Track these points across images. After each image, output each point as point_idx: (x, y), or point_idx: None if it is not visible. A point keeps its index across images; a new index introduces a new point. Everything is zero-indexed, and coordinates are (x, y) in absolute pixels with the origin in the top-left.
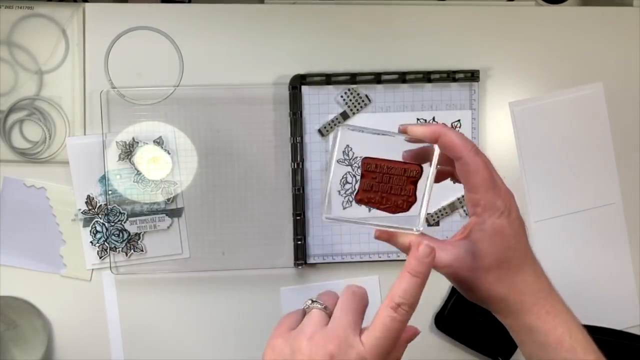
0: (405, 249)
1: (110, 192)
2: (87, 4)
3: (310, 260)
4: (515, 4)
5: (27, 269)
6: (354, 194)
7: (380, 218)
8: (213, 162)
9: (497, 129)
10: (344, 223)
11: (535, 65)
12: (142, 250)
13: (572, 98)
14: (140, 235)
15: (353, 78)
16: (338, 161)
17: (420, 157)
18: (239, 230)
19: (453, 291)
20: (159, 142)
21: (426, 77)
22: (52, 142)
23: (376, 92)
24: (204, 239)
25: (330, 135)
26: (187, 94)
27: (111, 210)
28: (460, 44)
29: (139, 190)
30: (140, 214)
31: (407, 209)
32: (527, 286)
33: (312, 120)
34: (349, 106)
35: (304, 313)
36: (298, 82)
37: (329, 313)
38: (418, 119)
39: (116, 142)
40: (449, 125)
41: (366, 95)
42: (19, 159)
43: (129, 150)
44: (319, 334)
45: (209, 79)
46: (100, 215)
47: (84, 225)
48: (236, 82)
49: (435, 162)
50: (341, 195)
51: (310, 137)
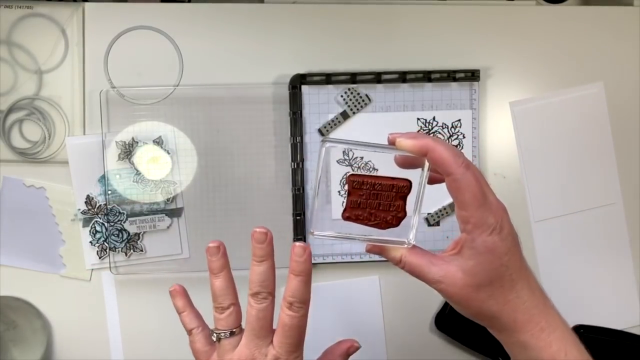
0: (397, 263)
1: (109, 192)
2: (87, 4)
3: None
4: (516, 4)
5: (27, 269)
6: (342, 211)
7: (369, 230)
8: (213, 162)
9: (498, 129)
10: (332, 239)
11: (535, 65)
12: (142, 250)
13: (573, 98)
14: (140, 235)
15: (353, 78)
16: (338, 161)
17: (412, 164)
18: (239, 230)
19: None
20: (158, 142)
21: (426, 77)
22: (52, 142)
23: (376, 92)
24: (204, 239)
25: (330, 134)
26: (187, 94)
27: (111, 210)
28: (460, 44)
29: (139, 190)
30: (140, 214)
31: (397, 224)
32: (521, 303)
33: (312, 120)
34: (349, 106)
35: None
36: (298, 82)
37: (236, 332)
38: (418, 119)
39: (116, 142)
40: (449, 125)
41: (366, 95)
42: (18, 158)
43: (128, 150)
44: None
45: (208, 79)
46: (99, 215)
47: (84, 225)
48: (236, 82)
49: (425, 177)
50: (341, 195)
51: (310, 137)
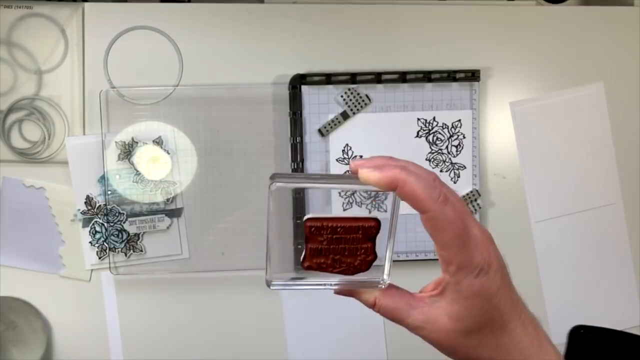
0: (371, 306)
1: (109, 192)
2: (87, 4)
3: None
4: (516, 4)
5: (27, 270)
6: (301, 260)
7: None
8: (213, 162)
9: (498, 129)
10: (292, 289)
11: (535, 65)
12: (142, 251)
13: (573, 98)
14: (140, 236)
15: (353, 78)
16: (338, 160)
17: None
18: (239, 230)
19: None
20: (158, 142)
21: (426, 77)
22: (52, 142)
23: (376, 92)
24: (204, 239)
25: (331, 136)
26: (187, 94)
27: (110, 210)
28: (460, 44)
29: (139, 191)
30: (140, 214)
31: (367, 268)
32: (514, 345)
33: (312, 120)
34: (349, 106)
35: None
36: (298, 82)
37: None
38: (418, 119)
39: (115, 142)
40: (449, 125)
41: (366, 95)
42: (18, 159)
43: (128, 150)
44: None
45: (208, 79)
46: (99, 216)
47: (84, 226)
48: (236, 82)
49: (396, 216)
50: (341, 196)
51: (310, 137)
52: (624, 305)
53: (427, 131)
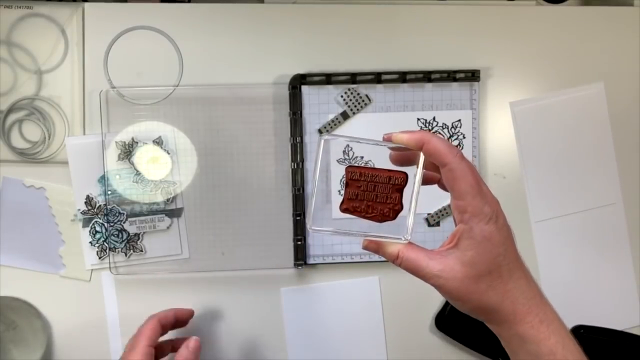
0: (394, 259)
1: (109, 192)
2: (87, 4)
3: (310, 261)
4: (516, 4)
5: (27, 269)
6: (340, 203)
7: (367, 227)
8: (213, 162)
9: (498, 129)
10: (330, 234)
11: (535, 65)
12: (142, 251)
13: (573, 98)
14: (140, 236)
15: (353, 78)
16: (338, 161)
17: (407, 161)
18: (239, 230)
19: None
20: (158, 142)
21: (426, 77)
22: (52, 142)
23: (376, 92)
24: (204, 239)
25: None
26: (187, 94)
27: (110, 210)
28: (460, 44)
29: (139, 191)
30: (140, 214)
31: (394, 217)
32: (520, 293)
33: (312, 120)
34: (349, 106)
35: None
36: (298, 82)
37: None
38: (418, 119)
39: (115, 142)
40: (450, 125)
41: (366, 95)
42: (18, 159)
43: (128, 150)
44: None
45: (208, 79)
46: (99, 216)
47: (84, 226)
48: (236, 82)
49: (421, 170)
50: (341, 195)
51: (310, 137)
52: (624, 305)
53: (427, 131)
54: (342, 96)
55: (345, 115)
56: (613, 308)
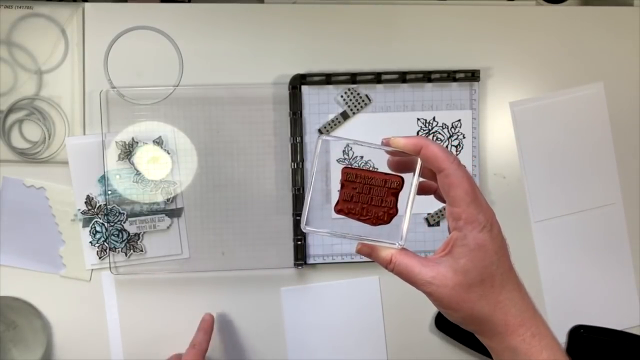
0: (386, 263)
1: (109, 192)
2: (87, 4)
3: (310, 261)
4: (516, 4)
5: (27, 269)
6: (334, 204)
7: (363, 230)
8: (213, 162)
9: (498, 129)
10: (323, 236)
11: (535, 65)
12: (142, 251)
13: (573, 98)
14: (140, 236)
15: (353, 78)
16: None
17: (404, 167)
18: (239, 230)
19: None
20: (158, 142)
21: (426, 77)
22: (52, 142)
23: (376, 92)
24: (204, 239)
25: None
26: (187, 94)
27: (111, 210)
28: (460, 44)
29: (139, 190)
30: (140, 214)
31: (388, 221)
32: (512, 305)
33: (312, 120)
34: (349, 106)
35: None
36: (298, 82)
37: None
38: (418, 119)
39: (116, 142)
40: (450, 125)
41: (366, 95)
42: (18, 159)
43: (128, 150)
44: None
45: (208, 79)
46: (99, 216)
47: (84, 226)
48: (236, 82)
49: (418, 174)
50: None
51: (310, 137)
52: (624, 305)
53: (427, 131)
54: (342, 96)
55: (345, 115)
56: (613, 308)
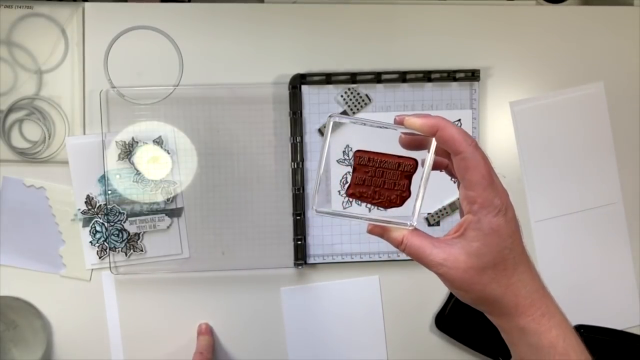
0: (398, 244)
1: (109, 192)
2: (87, 4)
3: (310, 260)
4: (516, 4)
5: (27, 269)
6: (346, 188)
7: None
8: (213, 162)
9: (498, 129)
10: (335, 216)
11: (535, 65)
12: (142, 250)
13: (573, 97)
14: (140, 235)
15: (353, 77)
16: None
17: (417, 145)
18: (239, 230)
19: None
20: (158, 142)
21: (426, 77)
22: (52, 142)
23: (376, 92)
24: (204, 239)
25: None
26: (187, 94)
27: (111, 210)
28: (460, 44)
29: (139, 190)
30: (140, 213)
31: (401, 204)
32: (523, 287)
33: (312, 120)
34: (349, 106)
35: None
36: (298, 82)
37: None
38: None
39: (116, 142)
40: None
41: (366, 95)
42: (18, 158)
43: (128, 150)
44: None
45: (208, 79)
46: (99, 215)
47: (84, 225)
48: (236, 82)
49: (432, 156)
50: (341, 195)
51: (310, 137)
52: (624, 305)
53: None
54: (342, 96)
55: (346, 115)
56: (613, 308)
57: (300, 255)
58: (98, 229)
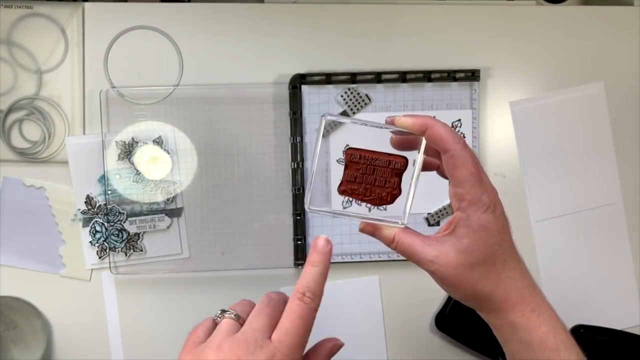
0: (389, 242)
1: (109, 192)
2: (87, 3)
3: None
4: (516, 4)
5: (27, 269)
6: (338, 185)
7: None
8: (213, 162)
9: (498, 129)
10: (326, 214)
11: (535, 65)
12: (142, 250)
13: (573, 97)
14: (140, 235)
15: (353, 77)
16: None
17: (408, 145)
18: (239, 230)
19: None
20: (158, 142)
21: (426, 77)
22: (52, 142)
23: (376, 92)
24: (204, 239)
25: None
26: (187, 94)
27: (110, 210)
28: (460, 44)
29: (139, 190)
30: (140, 213)
31: (392, 201)
32: (512, 283)
33: (312, 120)
34: (349, 106)
35: (215, 324)
36: (298, 82)
37: (241, 322)
38: None
39: (116, 142)
40: (450, 124)
41: (366, 95)
42: (18, 158)
43: (128, 150)
44: (227, 342)
45: (208, 79)
46: (99, 215)
47: (84, 225)
48: (236, 82)
49: (422, 155)
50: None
51: (310, 137)
52: (624, 305)
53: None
54: (342, 96)
55: (345, 115)
56: (613, 308)
57: (300, 255)
58: (98, 229)
